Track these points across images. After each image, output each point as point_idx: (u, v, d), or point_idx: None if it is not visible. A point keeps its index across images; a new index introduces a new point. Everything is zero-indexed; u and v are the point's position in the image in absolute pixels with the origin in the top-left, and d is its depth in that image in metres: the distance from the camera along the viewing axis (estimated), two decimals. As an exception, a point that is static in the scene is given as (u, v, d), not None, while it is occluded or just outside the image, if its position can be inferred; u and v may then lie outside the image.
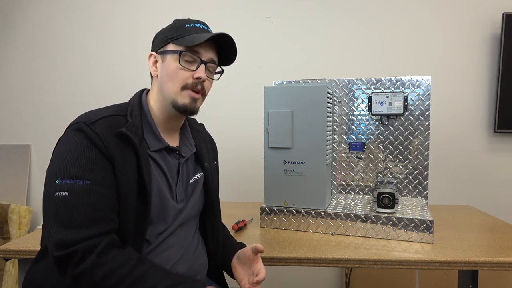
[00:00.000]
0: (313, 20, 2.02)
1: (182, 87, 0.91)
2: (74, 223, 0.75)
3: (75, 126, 0.83)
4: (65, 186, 0.77)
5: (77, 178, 0.78)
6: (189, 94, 0.92)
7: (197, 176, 1.03)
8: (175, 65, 0.91)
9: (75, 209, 0.76)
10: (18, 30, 2.15)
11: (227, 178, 2.00)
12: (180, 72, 0.91)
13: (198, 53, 0.92)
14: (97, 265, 0.74)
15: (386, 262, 1.05)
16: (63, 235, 0.75)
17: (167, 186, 0.93)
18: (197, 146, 1.05)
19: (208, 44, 0.93)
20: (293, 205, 1.32)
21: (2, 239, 1.99)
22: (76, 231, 0.75)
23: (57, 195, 0.77)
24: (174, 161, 0.97)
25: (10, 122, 2.18)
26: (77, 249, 0.74)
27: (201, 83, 0.93)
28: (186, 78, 0.91)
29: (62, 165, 0.79)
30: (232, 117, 2.08)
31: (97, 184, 0.79)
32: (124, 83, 2.10)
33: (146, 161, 0.87)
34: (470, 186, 1.99)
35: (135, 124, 0.88)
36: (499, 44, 1.92)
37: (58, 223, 0.76)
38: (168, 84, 0.92)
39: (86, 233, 0.75)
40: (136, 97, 0.97)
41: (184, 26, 0.94)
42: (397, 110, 1.39)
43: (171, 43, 0.92)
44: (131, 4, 2.09)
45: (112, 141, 0.82)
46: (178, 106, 0.92)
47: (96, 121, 0.83)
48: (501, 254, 1.07)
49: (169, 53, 0.92)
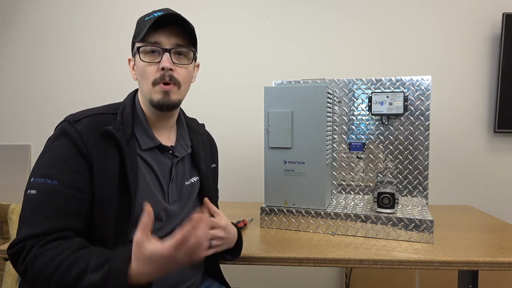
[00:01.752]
0: (313, 20, 2.02)
1: (153, 83, 0.88)
2: (33, 222, 0.75)
3: (60, 126, 0.84)
4: (35, 184, 0.78)
5: (46, 177, 0.78)
6: (160, 89, 0.88)
7: (194, 179, 1.01)
8: (141, 63, 0.89)
9: (38, 208, 0.76)
10: (18, 30, 2.15)
11: (227, 178, 2.00)
12: (146, 69, 0.88)
13: (157, 43, 0.87)
14: (37, 256, 0.72)
15: (386, 262, 1.05)
16: (21, 233, 0.75)
17: (158, 187, 0.91)
18: (194, 148, 1.03)
19: (170, 29, 0.88)
20: (293, 205, 1.32)
21: (2, 239, 1.99)
22: (32, 228, 0.74)
23: (28, 193, 0.78)
24: (167, 160, 0.95)
25: (10, 122, 2.18)
26: (25, 245, 0.73)
27: (169, 74, 0.88)
28: (154, 72, 0.88)
29: (39, 164, 0.81)
30: (232, 117, 2.08)
31: (65, 185, 0.78)
32: (125, 83, 2.10)
33: (133, 160, 0.85)
34: (470, 186, 1.99)
35: (124, 123, 0.87)
36: (499, 44, 1.92)
37: (22, 220, 0.77)
38: (142, 84, 0.90)
39: (39, 229, 0.74)
40: (130, 96, 0.96)
41: (144, 20, 0.90)
42: (397, 110, 1.39)
43: (135, 43, 0.90)
44: (131, 4, 2.09)
45: (93, 139, 0.82)
46: (154, 104, 0.89)
47: (81, 119, 0.83)
48: (501, 254, 1.07)
49: (136, 53, 0.90)
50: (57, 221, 0.76)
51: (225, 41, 2.05)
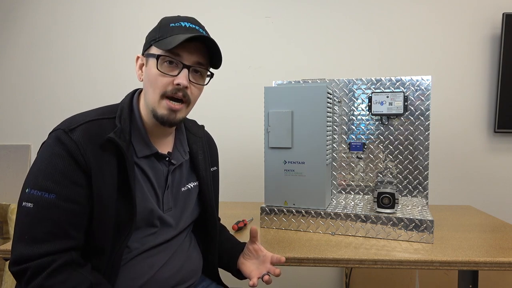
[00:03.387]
0: (313, 20, 2.02)
1: (162, 95, 0.84)
2: (33, 237, 0.73)
3: (54, 134, 0.80)
4: (31, 197, 0.75)
5: (44, 191, 0.75)
6: (167, 105, 0.84)
7: (191, 185, 0.99)
8: (154, 71, 0.84)
9: (36, 222, 0.74)
10: (18, 30, 2.15)
11: (227, 178, 2.00)
12: (159, 79, 0.83)
13: (179, 56, 0.83)
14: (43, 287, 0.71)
15: (386, 262, 1.05)
16: (22, 249, 0.73)
17: (153, 194, 0.89)
18: (193, 153, 1.00)
19: (193, 45, 0.84)
20: (293, 205, 1.32)
21: (2, 239, 1.99)
22: (34, 246, 0.73)
23: (23, 206, 0.75)
24: (163, 168, 0.92)
25: (10, 122, 2.18)
26: (29, 267, 0.71)
27: (184, 90, 0.84)
28: (166, 85, 0.83)
29: (34, 175, 0.77)
30: (232, 117, 2.08)
31: (63, 199, 0.75)
32: (125, 83, 2.10)
33: (132, 167, 0.83)
34: (470, 186, 1.99)
35: (123, 129, 0.83)
36: (499, 44, 1.92)
37: (19, 234, 0.74)
38: (149, 91, 0.86)
39: (42, 250, 0.73)
40: (127, 98, 0.91)
41: (169, 25, 0.86)
42: (397, 110, 1.39)
43: (153, 45, 0.85)
44: (132, 4, 2.09)
45: (90, 149, 0.78)
46: (157, 117, 0.85)
47: (76, 127, 0.80)
48: (501, 254, 1.07)
49: (151, 56, 0.85)
50: (60, 239, 0.75)
51: (225, 41, 2.05)
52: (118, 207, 0.81)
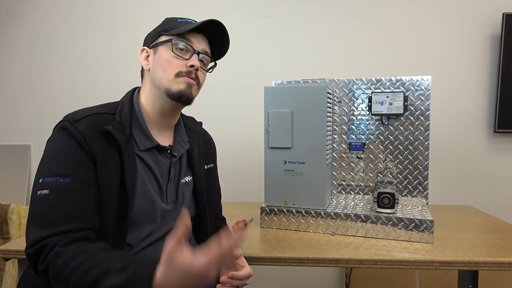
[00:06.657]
0: (313, 20, 2.02)
1: (176, 75, 0.90)
2: (51, 221, 0.73)
3: (60, 125, 0.83)
4: (46, 184, 0.76)
5: (58, 176, 0.76)
6: (184, 80, 0.90)
7: (188, 178, 1.01)
8: (168, 54, 0.90)
9: (54, 206, 0.74)
10: (18, 30, 2.15)
11: (227, 178, 2.00)
12: (173, 60, 0.90)
13: (190, 41, 0.92)
14: (58, 254, 0.70)
15: (386, 262, 1.05)
16: (39, 232, 0.73)
17: (156, 187, 0.91)
18: (189, 147, 1.03)
19: (199, 36, 0.94)
20: (293, 205, 1.32)
21: (2, 239, 1.99)
22: (52, 228, 0.73)
23: (39, 194, 0.76)
24: (165, 160, 0.95)
25: (10, 122, 2.18)
26: (47, 243, 0.71)
27: (195, 72, 0.92)
28: (180, 66, 0.90)
29: (46, 164, 0.79)
30: (232, 117, 2.08)
31: (77, 181, 0.77)
32: (125, 83, 2.10)
33: (131, 161, 0.85)
34: (470, 186, 1.99)
35: (123, 123, 0.87)
36: (499, 44, 1.92)
37: (37, 221, 0.74)
38: (160, 74, 0.91)
39: (60, 229, 0.73)
40: (128, 95, 0.96)
41: (176, 20, 0.94)
42: (397, 110, 1.39)
43: (163, 35, 0.92)
44: (132, 4, 2.09)
45: (95, 140, 0.81)
46: (173, 93, 0.90)
47: (81, 119, 0.82)
48: (501, 254, 1.07)
49: (161, 44, 0.92)
50: (78, 219, 0.75)
51: (225, 41, 2.05)
52: (119, 199, 0.82)
